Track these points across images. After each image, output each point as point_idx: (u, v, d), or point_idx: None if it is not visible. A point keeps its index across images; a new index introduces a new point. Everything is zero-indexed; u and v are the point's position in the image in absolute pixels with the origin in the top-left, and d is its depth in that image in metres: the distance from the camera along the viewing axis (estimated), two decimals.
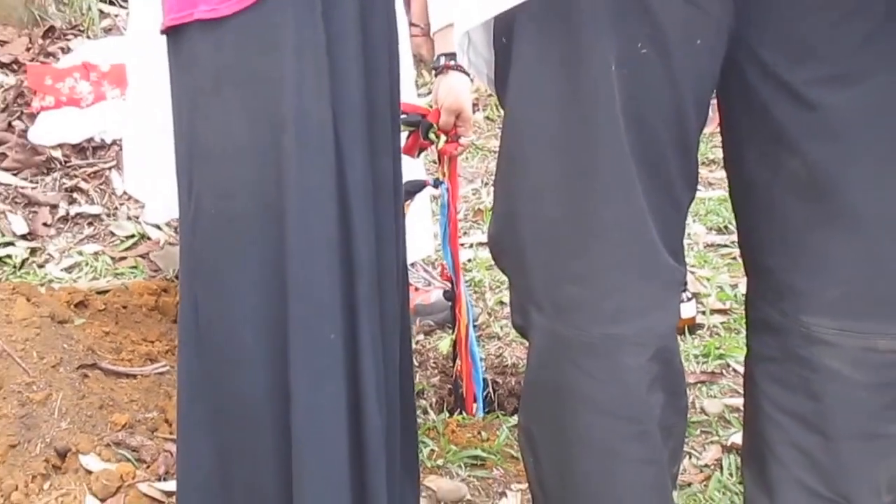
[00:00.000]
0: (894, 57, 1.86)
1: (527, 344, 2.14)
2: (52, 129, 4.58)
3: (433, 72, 3.30)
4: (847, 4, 1.81)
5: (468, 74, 3.04)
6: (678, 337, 2.23)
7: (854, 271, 1.96)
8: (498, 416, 3.07)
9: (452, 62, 3.11)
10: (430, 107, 3.11)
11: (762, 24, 1.86)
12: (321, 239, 2.27)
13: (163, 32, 2.31)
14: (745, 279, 2.17)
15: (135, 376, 3.18)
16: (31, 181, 4.43)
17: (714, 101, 2.04)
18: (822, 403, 2.01)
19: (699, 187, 2.09)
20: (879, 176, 1.92)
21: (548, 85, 1.93)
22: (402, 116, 2.59)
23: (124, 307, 3.50)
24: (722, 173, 2.12)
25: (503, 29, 1.96)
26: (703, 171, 1.98)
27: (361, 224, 2.31)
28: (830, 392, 2.00)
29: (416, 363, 2.79)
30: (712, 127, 2.12)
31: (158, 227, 3.84)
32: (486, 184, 4.16)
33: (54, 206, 4.32)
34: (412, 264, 2.87)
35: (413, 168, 3.02)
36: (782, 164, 1.96)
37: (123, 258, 4.05)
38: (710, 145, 1.94)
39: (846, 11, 1.81)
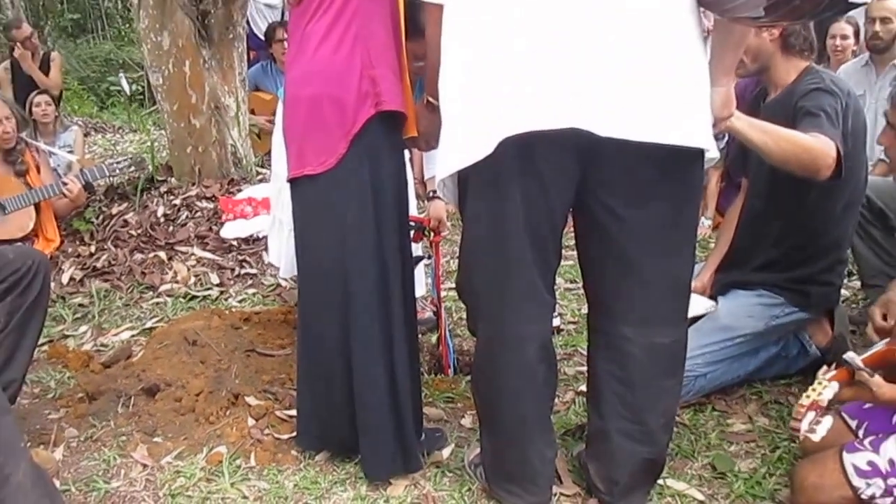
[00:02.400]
0: (666, 190, 1.89)
1: (475, 339, 2.15)
2: (232, 230, 4.54)
3: (426, 200, 3.30)
4: (635, 162, 1.82)
5: (444, 200, 3.03)
6: (553, 336, 2.22)
7: (643, 303, 2.00)
8: (460, 376, 3.03)
9: (436, 195, 3.10)
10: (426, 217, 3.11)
11: (596, 175, 1.89)
12: (369, 282, 2.29)
13: (288, 181, 2.31)
14: (586, 306, 2.16)
15: (274, 356, 3.14)
16: (221, 256, 4.40)
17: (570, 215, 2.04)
18: (627, 370, 2.04)
19: (562, 260, 2.08)
20: (655, 254, 1.95)
21: (484, 208, 1.95)
22: (411, 223, 2.57)
23: (269, 320, 3.46)
24: (573, 252, 2.10)
25: (462, 177, 1.96)
26: (564, 251, 2.00)
27: (393, 276, 2.31)
28: (631, 364, 2.03)
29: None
30: (567, 227, 2.09)
31: (286, 280, 3.78)
32: (453, 258, 4.15)
33: (233, 269, 4.28)
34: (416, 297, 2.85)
35: (416, 249, 3.00)
36: (605, 247, 2.00)
37: (268, 296, 4.01)
38: (568, 237, 1.93)
39: (637, 167, 1.82)
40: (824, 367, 2.08)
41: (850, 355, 2.03)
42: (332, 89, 2.19)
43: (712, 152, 1.89)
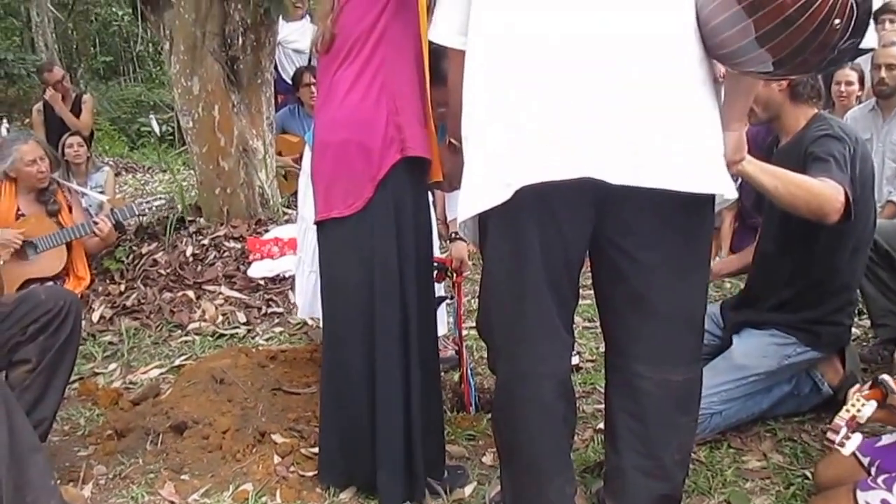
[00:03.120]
0: (678, 232, 1.92)
1: (495, 377, 2.14)
2: (259, 270, 4.59)
3: (449, 241, 3.32)
4: (648, 207, 1.84)
5: (466, 241, 3.06)
6: (573, 374, 2.23)
7: (656, 342, 1.99)
8: (482, 414, 3.04)
9: (458, 235, 3.12)
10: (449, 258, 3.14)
11: (610, 219, 1.90)
12: (392, 322, 2.31)
13: (315, 223, 2.35)
14: (603, 344, 2.17)
15: (299, 394, 3.14)
16: (248, 295, 4.44)
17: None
18: (642, 406, 2.02)
19: (580, 299, 2.10)
20: (668, 294, 1.96)
21: (503, 249, 1.96)
22: (434, 264, 2.59)
23: (295, 359, 3.46)
24: (591, 290, 2.12)
25: (483, 218, 1.98)
26: (582, 290, 2.03)
27: (413, 314, 2.34)
28: (645, 401, 2.02)
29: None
30: (585, 266, 2.11)
31: (312, 318, 3.78)
32: (475, 297, 4.16)
33: (259, 308, 4.32)
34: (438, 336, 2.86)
35: (439, 289, 3.02)
36: (619, 287, 2.00)
37: (295, 334, 4.04)
38: (586, 276, 1.94)
39: (650, 211, 1.84)
40: (857, 385, 2.11)
41: (885, 377, 2.06)
42: (359, 135, 2.24)
43: (728, 194, 1.91)
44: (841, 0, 1.58)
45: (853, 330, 3.14)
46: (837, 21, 1.60)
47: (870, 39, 6.08)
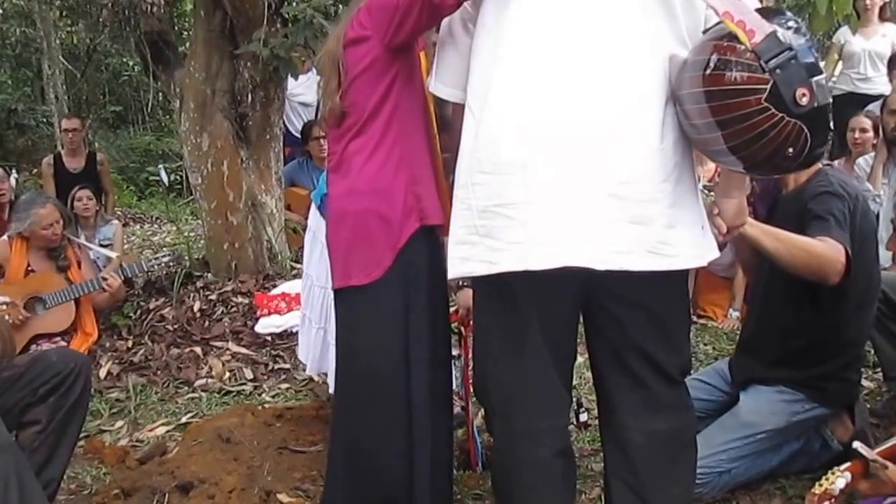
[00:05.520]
0: (657, 293, 1.99)
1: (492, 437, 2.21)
2: (266, 326, 4.64)
3: (455, 291, 3.35)
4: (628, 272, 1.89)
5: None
6: (580, 431, 2.24)
7: (639, 394, 2.05)
8: (488, 472, 3.02)
9: (465, 284, 3.15)
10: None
11: (594, 284, 1.96)
12: (408, 387, 2.40)
13: (333, 290, 2.46)
14: None
15: (306, 452, 3.19)
16: (255, 352, 4.49)
17: None
18: (631, 458, 2.07)
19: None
20: (648, 350, 2.03)
21: (494, 305, 2.06)
22: None
23: (301, 416, 3.51)
24: None
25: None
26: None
27: (434, 379, 2.45)
28: (634, 452, 2.07)
29: None
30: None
31: (318, 375, 3.82)
32: None
33: (266, 364, 4.37)
34: None
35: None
36: (602, 344, 2.09)
37: (301, 390, 4.08)
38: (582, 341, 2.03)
39: (630, 275, 1.89)
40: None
41: (857, 444, 2.10)
42: (378, 205, 2.31)
43: (708, 260, 1.99)
44: (795, 131, 1.67)
45: (866, 384, 3.18)
46: (791, 150, 1.70)
47: (883, 85, 6.16)
